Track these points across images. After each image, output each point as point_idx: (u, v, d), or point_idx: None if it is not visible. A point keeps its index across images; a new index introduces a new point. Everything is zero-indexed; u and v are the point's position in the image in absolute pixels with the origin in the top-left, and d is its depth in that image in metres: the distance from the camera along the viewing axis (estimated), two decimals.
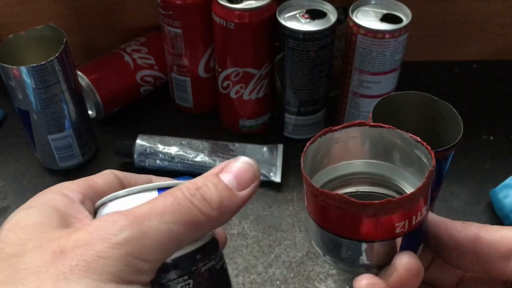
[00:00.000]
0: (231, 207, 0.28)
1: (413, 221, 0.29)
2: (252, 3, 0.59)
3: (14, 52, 0.59)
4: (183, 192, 0.27)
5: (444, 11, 0.77)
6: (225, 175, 0.28)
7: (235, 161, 0.29)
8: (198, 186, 0.27)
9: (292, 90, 0.64)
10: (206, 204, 0.27)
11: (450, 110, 0.47)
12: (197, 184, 0.27)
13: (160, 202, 0.26)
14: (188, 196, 0.27)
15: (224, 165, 0.29)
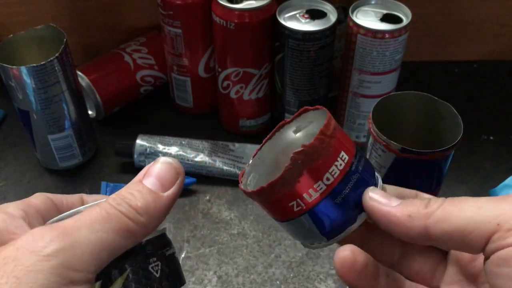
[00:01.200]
0: (159, 209, 0.29)
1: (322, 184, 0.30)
2: (252, 3, 0.59)
3: (14, 52, 0.59)
4: (110, 203, 0.27)
5: (444, 11, 0.77)
6: (148, 179, 0.29)
7: (155, 163, 0.30)
8: (123, 196, 0.28)
9: (292, 90, 0.64)
10: (133, 210, 0.27)
11: (450, 110, 0.47)
12: (122, 194, 0.28)
13: (89, 214, 0.27)
14: (115, 205, 0.27)
15: (146, 170, 0.30)
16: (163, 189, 0.29)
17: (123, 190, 0.29)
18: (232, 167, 0.64)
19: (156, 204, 0.28)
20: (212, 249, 0.58)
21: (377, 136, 0.46)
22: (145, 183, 0.29)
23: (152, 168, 0.29)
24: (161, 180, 0.29)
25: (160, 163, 0.30)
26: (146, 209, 0.28)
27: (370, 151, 0.48)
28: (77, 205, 0.33)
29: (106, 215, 0.27)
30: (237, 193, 0.63)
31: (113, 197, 0.28)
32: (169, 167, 0.30)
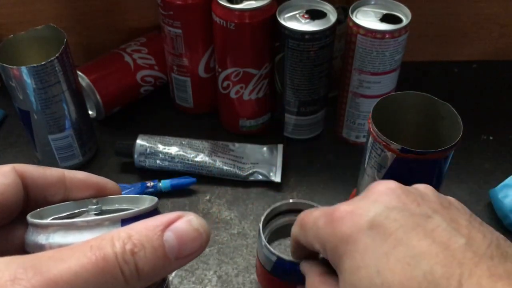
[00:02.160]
0: (160, 275, 0.25)
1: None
2: (252, 3, 0.59)
3: (15, 52, 0.59)
4: (117, 255, 0.23)
5: (444, 11, 0.77)
6: (170, 237, 0.24)
7: (185, 221, 0.25)
8: (135, 250, 0.23)
9: (292, 90, 0.64)
10: (136, 274, 0.24)
11: (450, 110, 0.47)
12: (134, 243, 0.24)
13: (89, 265, 0.22)
14: (121, 261, 0.23)
15: (173, 218, 0.25)
16: (178, 257, 0.25)
17: (137, 235, 0.24)
18: (232, 167, 0.64)
19: (162, 271, 0.25)
20: (212, 249, 0.58)
21: (377, 136, 0.46)
22: (165, 239, 0.24)
23: (181, 225, 0.25)
24: (181, 246, 0.25)
25: (191, 226, 0.25)
26: (149, 275, 0.24)
27: (370, 151, 0.48)
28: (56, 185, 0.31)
29: (105, 275, 0.23)
30: (237, 193, 0.64)
31: (123, 248, 0.23)
32: (198, 238, 0.25)
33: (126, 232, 0.24)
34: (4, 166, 0.29)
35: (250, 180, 0.64)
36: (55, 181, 0.31)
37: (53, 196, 0.31)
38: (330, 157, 0.68)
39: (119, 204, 0.33)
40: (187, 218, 0.25)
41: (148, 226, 0.24)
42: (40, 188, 0.30)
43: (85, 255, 0.23)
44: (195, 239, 0.25)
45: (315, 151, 0.69)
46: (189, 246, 0.25)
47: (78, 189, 0.32)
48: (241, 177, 0.64)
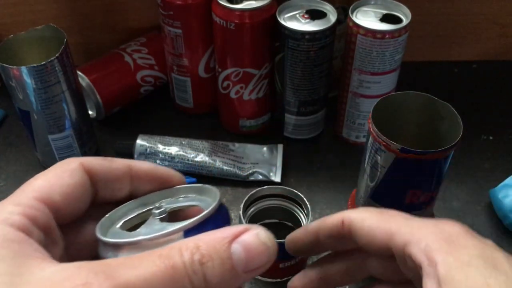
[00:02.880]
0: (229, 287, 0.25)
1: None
2: (252, 3, 0.59)
3: (15, 52, 0.59)
4: (186, 264, 0.23)
5: (444, 11, 0.77)
6: (238, 249, 0.24)
7: (252, 234, 0.25)
8: (203, 260, 0.23)
9: (292, 90, 0.64)
10: (204, 285, 0.23)
11: (450, 110, 0.47)
12: (203, 254, 0.23)
13: (159, 273, 0.23)
14: (189, 271, 0.23)
15: (241, 230, 0.25)
16: (245, 270, 0.24)
17: (205, 246, 0.24)
18: (232, 167, 0.64)
19: (229, 284, 0.24)
20: None
21: (377, 136, 0.46)
22: (233, 252, 0.24)
23: (248, 238, 0.24)
24: (248, 259, 0.24)
25: (258, 239, 0.25)
26: (216, 286, 0.24)
27: (370, 151, 0.48)
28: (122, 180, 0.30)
29: (175, 285, 0.23)
30: (237, 193, 0.64)
31: (192, 258, 0.23)
32: (265, 251, 0.25)
33: (194, 242, 0.24)
34: (72, 162, 0.28)
35: (250, 180, 0.64)
36: (121, 175, 0.30)
37: (120, 190, 0.31)
38: (330, 157, 0.68)
39: (184, 195, 0.32)
40: (255, 232, 0.25)
41: (216, 238, 0.24)
42: (107, 183, 0.30)
43: (155, 263, 0.23)
44: (263, 252, 0.25)
45: (315, 151, 0.69)
46: (257, 260, 0.25)
47: (144, 181, 0.31)
48: (241, 177, 0.64)
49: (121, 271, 0.22)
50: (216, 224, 0.26)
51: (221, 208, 0.28)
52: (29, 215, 0.25)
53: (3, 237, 0.23)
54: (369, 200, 0.51)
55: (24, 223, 0.25)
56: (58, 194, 0.27)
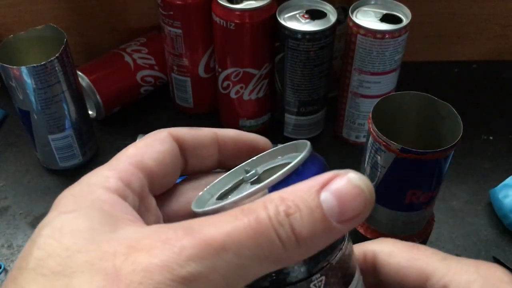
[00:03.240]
0: (322, 242, 0.22)
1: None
2: (252, 3, 0.59)
3: (15, 52, 0.59)
4: (270, 217, 0.21)
5: (444, 11, 0.77)
6: (328, 197, 0.22)
7: (343, 179, 0.22)
8: (289, 211, 0.21)
9: (292, 90, 0.64)
10: (294, 238, 0.21)
11: (450, 110, 0.47)
12: (288, 205, 0.21)
13: (241, 226, 0.21)
14: (275, 223, 0.21)
15: (329, 177, 0.22)
16: (340, 220, 0.22)
17: (291, 196, 0.22)
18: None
19: (322, 237, 0.22)
20: None
21: (377, 136, 0.46)
22: (323, 200, 0.21)
23: (338, 182, 0.22)
24: (343, 207, 0.22)
25: (351, 184, 0.22)
26: (308, 241, 0.21)
27: (370, 151, 0.48)
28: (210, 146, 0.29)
29: (260, 237, 0.21)
30: None
31: (277, 208, 0.21)
32: (360, 194, 0.22)
33: (278, 195, 0.22)
34: (160, 132, 0.28)
35: None
36: (209, 142, 0.29)
37: (208, 158, 0.30)
38: (330, 157, 0.68)
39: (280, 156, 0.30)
40: (346, 176, 0.22)
41: (302, 188, 0.22)
42: (195, 150, 0.29)
43: (237, 218, 0.21)
44: (357, 197, 0.22)
45: (315, 151, 0.69)
46: (351, 206, 0.22)
47: (231, 147, 0.30)
48: None
49: (202, 227, 0.21)
50: (307, 176, 0.23)
51: (313, 159, 0.26)
52: (124, 179, 0.25)
53: (96, 198, 0.23)
54: None
55: (119, 187, 0.25)
56: (151, 160, 0.27)
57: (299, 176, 0.24)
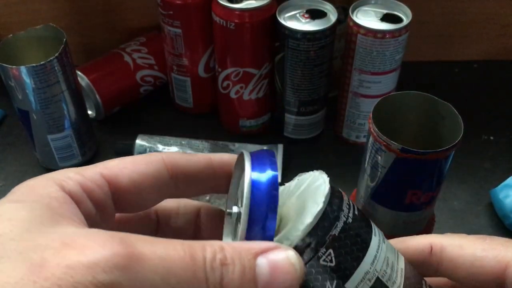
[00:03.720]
0: None
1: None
2: (252, 3, 0.59)
3: (14, 52, 0.59)
4: (206, 259, 0.22)
5: (444, 11, 0.77)
6: (263, 263, 0.23)
7: (282, 253, 0.23)
8: (225, 262, 0.22)
9: (292, 90, 0.64)
10: (219, 287, 0.22)
11: (450, 110, 0.47)
12: (226, 256, 0.23)
13: (176, 256, 0.22)
14: (208, 267, 0.22)
15: (271, 247, 0.24)
16: (266, 285, 0.23)
17: (230, 249, 0.23)
18: None
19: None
20: None
21: (377, 136, 0.46)
22: (258, 264, 0.23)
23: (276, 254, 0.23)
24: (273, 277, 0.23)
25: (288, 259, 0.23)
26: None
27: (370, 151, 0.48)
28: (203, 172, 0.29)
29: (188, 274, 0.22)
30: None
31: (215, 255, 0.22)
32: (291, 272, 0.23)
33: (220, 244, 0.23)
34: (153, 155, 0.28)
35: None
36: (203, 167, 0.29)
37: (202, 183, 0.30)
38: (330, 157, 0.68)
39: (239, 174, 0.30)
40: (286, 251, 0.24)
41: (244, 246, 0.23)
42: (189, 177, 0.29)
43: (175, 247, 0.22)
44: (289, 273, 0.23)
45: (315, 151, 0.69)
46: (281, 279, 0.23)
47: (226, 172, 0.30)
48: None
49: (139, 243, 0.22)
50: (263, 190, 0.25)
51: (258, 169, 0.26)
52: (85, 186, 0.25)
53: (47, 194, 0.24)
54: (370, 200, 0.51)
55: (76, 191, 0.25)
56: (127, 179, 0.27)
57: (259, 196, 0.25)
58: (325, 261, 0.25)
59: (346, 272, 0.25)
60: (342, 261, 0.25)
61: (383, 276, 0.26)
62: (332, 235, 0.25)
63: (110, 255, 0.20)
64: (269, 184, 0.25)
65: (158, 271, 0.21)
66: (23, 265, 0.20)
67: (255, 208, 0.25)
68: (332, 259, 0.25)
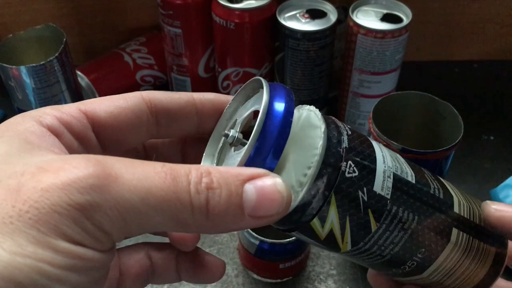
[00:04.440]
0: (227, 227, 0.23)
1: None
2: (252, 3, 0.59)
3: (14, 51, 0.59)
4: (190, 182, 0.22)
5: (444, 11, 0.77)
6: (250, 189, 0.23)
7: (270, 180, 0.23)
8: (212, 186, 0.22)
9: (292, 90, 0.64)
10: (205, 210, 0.22)
11: (450, 110, 0.47)
12: (212, 180, 0.22)
13: (156, 178, 0.21)
14: (193, 190, 0.22)
15: (259, 173, 0.23)
16: (252, 214, 0.23)
17: (217, 173, 0.22)
18: None
19: (229, 221, 0.23)
20: (212, 249, 0.58)
21: (377, 136, 0.46)
22: (245, 190, 0.23)
23: (264, 181, 0.23)
24: (259, 202, 0.23)
25: (275, 187, 0.23)
26: (216, 219, 0.22)
27: None
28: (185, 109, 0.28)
29: (171, 196, 0.21)
30: None
31: (200, 177, 0.22)
32: (278, 199, 0.23)
33: (207, 168, 0.23)
34: (132, 93, 0.28)
35: None
36: (184, 104, 0.29)
37: (186, 121, 0.29)
38: None
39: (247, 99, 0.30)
40: (274, 179, 0.23)
41: (231, 172, 0.23)
42: (171, 113, 0.28)
43: (155, 169, 0.22)
44: (275, 200, 0.23)
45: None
46: (267, 206, 0.23)
47: (210, 110, 0.30)
48: None
49: (117, 164, 0.21)
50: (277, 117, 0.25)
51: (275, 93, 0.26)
52: (63, 119, 0.25)
53: (24, 129, 0.23)
54: None
55: (53, 123, 0.25)
56: (104, 112, 0.26)
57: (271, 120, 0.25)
58: (349, 174, 0.26)
59: (369, 176, 0.26)
60: (362, 167, 0.26)
61: (396, 170, 0.28)
62: (344, 148, 0.26)
63: (84, 176, 0.20)
64: (284, 117, 0.25)
65: (136, 191, 0.21)
66: (1, 191, 0.20)
67: (266, 136, 0.25)
68: (354, 169, 0.26)
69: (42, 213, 0.19)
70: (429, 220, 0.29)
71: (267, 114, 0.25)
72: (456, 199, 0.32)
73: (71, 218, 0.20)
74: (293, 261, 0.52)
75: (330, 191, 0.26)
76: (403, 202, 0.27)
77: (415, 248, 0.28)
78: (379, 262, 0.29)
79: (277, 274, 0.54)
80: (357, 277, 0.55)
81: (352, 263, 0.56)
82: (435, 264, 0.29)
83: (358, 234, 0.27)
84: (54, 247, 0.19)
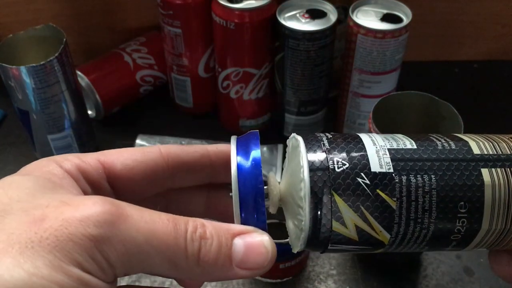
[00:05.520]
0: (217, 275, 0.26)
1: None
2: (252, 3, 0.59)
3: (14, 52, 0.59)
4: (187, 231, 0.25)
5: (444, 11, 0.77)
6: (239, 243, 0.26)
7: (258, 237, 0.27)
8: (205, 236, 0.25)
9: (292, 90, 0.64)
10: (197, 257, 0.25)
11: (450, 110, 0.47)
12: (206, 231, 0.26)
13: (160, 223, 0.25)
14: (189, 238, 0.25)
15: (248, 230, 0.27)
16: (240, 266, 0.26)
17: (210, 226, 0.26)
18: None
19: (218, 270, 0.26)
20: None
21: None
22: (234, 243, 0.26)
23: (252, 237, 0.27)
24: (246, 255, 0.26)
25: (262, 243, 0.27)
26: (206, 266, 0.25)
27: None
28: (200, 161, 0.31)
29: (170, 239, 0.24)
30: None
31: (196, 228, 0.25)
32: (264, 254, 0.27)
33: (202, 221, 0.26)
34: (152, 147, 0.31)
35: None
36: (199, 157, 0.31)
37: (200, 171, 0.32)
38: None
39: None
40: (262, 236, 0.27)
41: (223, 227, 0.26)
42: (186, 166, 0.31)
43: (160, 217, 0.25)
44: (261, 255, 0.26)
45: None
46: (253, 259, 0.26)
47: (223, 161, 0.32)
48: None
49: (128, 207, 0.24)
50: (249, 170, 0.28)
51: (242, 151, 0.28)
52: (81, 167, 0.28)
53: (48, 170, 0.27)
54: None
55: (72, 170, 0.27)
56: (121, 164, 0.29)
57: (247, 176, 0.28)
58: (340, 168, 0.27)
59: (362, 161, 0.27)
60: (351, 157, 0.27)
61: (392, 146, 0.29)
62: (326, 149, 0.28)
63: (101, 212, 0.23)
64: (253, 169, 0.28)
65: (142, 232, 0.24)
66: (27, 219, 0.23)
67: (243, 194, 0.27)
68: (343, 162, 0.27)
69: (60, 241, 0.22)
70: (449, 173, 0.28)
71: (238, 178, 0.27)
72: (474, 142, 0.32)
73: (84, 248, 0.23)
74: (293, 261, 0.52)
75: (330, 190, 0.26)
76: (410, 168, 0.27)
77: (452, 205, 0.27)
78: (431, 238, 0.28)
79: (277, 274, 0.54)
80: (357, 277, 0.55)
81: (352, 263, 0.56)
82: (485, 213, 0.28)
83: (384, 218, 0.27)
84: (66, 272, 0.22)
